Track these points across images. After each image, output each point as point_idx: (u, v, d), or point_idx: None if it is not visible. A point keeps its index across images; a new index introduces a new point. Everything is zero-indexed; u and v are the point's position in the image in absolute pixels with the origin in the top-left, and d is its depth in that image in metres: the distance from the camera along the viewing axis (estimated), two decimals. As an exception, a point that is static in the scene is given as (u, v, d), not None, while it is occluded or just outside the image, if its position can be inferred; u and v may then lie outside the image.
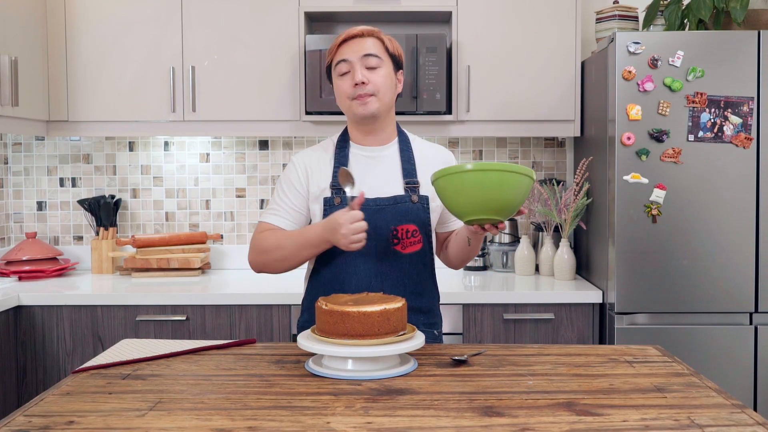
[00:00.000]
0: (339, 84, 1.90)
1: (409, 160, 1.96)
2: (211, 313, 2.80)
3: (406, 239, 1.89)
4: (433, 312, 2.01)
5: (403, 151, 1.97)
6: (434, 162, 1.97)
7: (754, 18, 2.85)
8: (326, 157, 1.95)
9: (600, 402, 1.41)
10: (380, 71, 1.88)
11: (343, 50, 1.89)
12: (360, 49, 1.87)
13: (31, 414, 1.35)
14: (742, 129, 2.70)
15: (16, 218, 3.45)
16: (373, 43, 1.89)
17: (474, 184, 1.63)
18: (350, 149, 1.96)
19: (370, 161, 1.95)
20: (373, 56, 1.87)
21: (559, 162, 3.46)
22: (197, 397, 1.44)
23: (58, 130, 3.12)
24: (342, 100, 1.92)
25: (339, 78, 1.90)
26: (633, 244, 2.73)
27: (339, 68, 1.89)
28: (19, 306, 2.77)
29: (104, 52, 3.07)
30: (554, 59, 3.07)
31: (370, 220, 1.85)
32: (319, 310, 1.61)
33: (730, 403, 1.40)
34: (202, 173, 3.46)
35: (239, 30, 3.07)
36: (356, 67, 1.86)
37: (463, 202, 1.66)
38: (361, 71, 1.86)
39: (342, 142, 1.97)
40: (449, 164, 2.00)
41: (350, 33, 1.90)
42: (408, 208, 1.90)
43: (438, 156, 2.01)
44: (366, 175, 1.92)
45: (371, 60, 1.87)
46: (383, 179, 1.93)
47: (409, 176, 1.94)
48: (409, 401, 1.41)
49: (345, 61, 1.88)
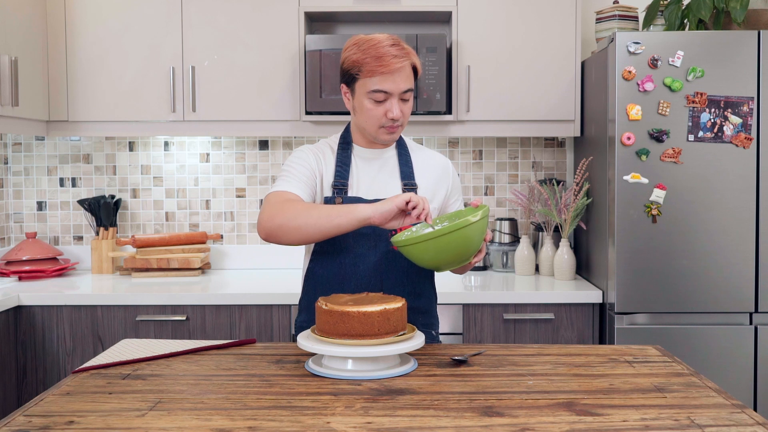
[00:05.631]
0: (370, 108, 1.85)
1: (406, 162, 1.97)
2: (211, 313, 2.80)
3: None
4: (430, 313, 2.01)
5: (401, 154, 1.98)
6: (432, 167, 2.00)
7: (754, 18, 2.85)
8: (329, 157, 1.95)
9: (600, 402, 1.41)
10: (411, 101, 1.88)
11: (383, 80, 1.81)
12: (401, 82, 1.82)
13: (31, 414, 1.35)
14: (742, 129, 2.70)
15: (16, 218, 3.45)
16: (408, 74, 1.84)
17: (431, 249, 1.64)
18: (353, 151, 1.96)
19: (370, 163, 1.95)
20: (410, 90, 1.85)
21: (559, 162, 3.46)
22: (197, 397, 1.44)
23: (58, 130, 3.12)
24: (369, 121, 1.87)
25: (371, 102, 1.84)
26: (633, 244, 2.73)
27: (375, 96, 1.83)
28: (19, 306, 2.77)
29: (104, 52, 3.08)
30: (554, 59, 3.07)
31: None
32: (319, 310, 1.61)
33: (730, 403, 1.40)
34: (202, 173, 3.46)
35: (239, 30, 3.07)
36: (394, 102, 1.83)
37: (431, 263, 1.69)
38: (399, 105, 1.84)
39: (344, 144, 1.96)
40: (447, 172, 2.02)
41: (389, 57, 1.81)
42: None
43: (435, 162, 2.02)
44: (366, 177, 1.93)
45: (407, 94, 1.85)
46: (382, 181, 1.94)
47: (407, 178, 1.95)
48: (409, 401, 1.41)
49: (383, 92, 1.83)
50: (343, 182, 1.91)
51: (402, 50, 1.83)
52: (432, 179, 1.98)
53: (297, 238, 1.73)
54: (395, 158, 1.97)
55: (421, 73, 1.92)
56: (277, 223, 1.73)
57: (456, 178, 2.06)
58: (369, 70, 1.81)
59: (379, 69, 1.80)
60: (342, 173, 1.91)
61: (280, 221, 1.72)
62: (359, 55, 1.83)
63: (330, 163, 1.94)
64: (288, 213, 1.72)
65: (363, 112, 1.87)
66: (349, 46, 1.87)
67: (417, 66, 1.87)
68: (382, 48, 1.81)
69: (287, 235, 1.73)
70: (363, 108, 1.86)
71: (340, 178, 1.91)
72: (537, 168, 3.45)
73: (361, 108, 1.87)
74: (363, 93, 1.84)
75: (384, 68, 1.80)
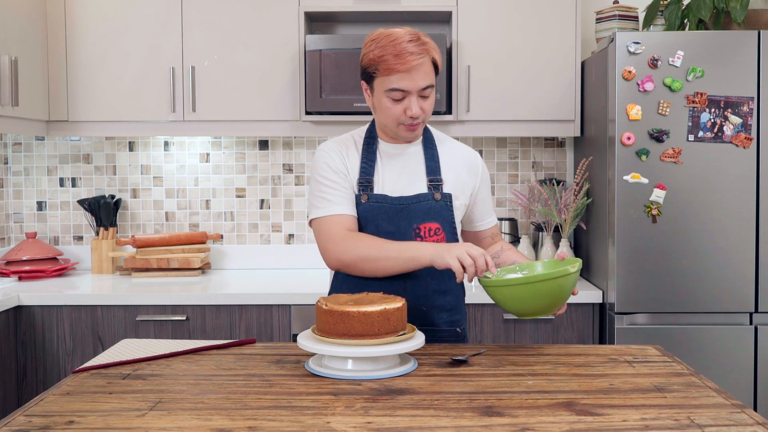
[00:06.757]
0: (389, 106, 1.83)
1: (432, 157, 1.94)
2: (211, 313, 2.80)
3: (429, 238, 1.89)
4: (457, 309, 1.98)
5: (427, 148, 1.95)
6: (459, 162, 1.96)
7: (754, 18, 2.85)
8: (354, 153, 1.93)
9: (600, 402, 1.41)
10: (431, 97, 1.85)
11: (401, 78, 1.79)
12: (419, 79, 1.80)
13: (31, 414, 1.35)
14: (742, 129, 2.70)
15: (16, 218, 3.45)
16: (428, 70, 1.82)
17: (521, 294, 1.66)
18: (378, 146, 1.94)
19: (395, 158, 1.93)
20: (429, 87, 1.82)
21: (559, 162, 3.46)
22: (197, 397, 1.44)
23: (58, 130, 3.12)
24: (388, 119, 1.86)
25: (390, 101, 1.83)
26: (633, 244, 2.73)
27: (393, 94, 1.81)
28: (19, 306, 2.77)
29: (104, 52, 3.08)
30: (554, 59, 3.07)
31: (394, 219, 1.87)
32: (319, 310, 1.61)
33: (730, 403, 1.40)
34: (202, 173, 3.46)
35: (239, 30, 3.07)
36: (413, 99, 1.82)
37: (516, 307, 1.71)
38: (418, 102, 1.82)
39: (369, 139, 1.94)
40: (476, 167, 1.99)
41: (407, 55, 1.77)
42: (431, 206, 1.89)
43: (463, 156, 1.99)
44: (391, 173, 1.91)
45: (426, 90, 1.82)
46: (407, 177, 1.92)
47: (433, 174, 1.92)
48: (409, 401, 1.41)
49: (401, 90, 1.81)
50: (369, 179, 1.90)
51: (421, 46, 1.80)
52: (459, 174, 1.95)
53: (369, 273, 1.85)
54: (421, 153, 1.95)
55: (441, 67, 1.88)
56: (352, 259, 1.83)
57: (485, 174, 2.02)
58: (386, 68, 1.79)
59: (397, 67, 1.78)
60: (367, 170, 1.91)
61: (354, 258, 1.82)
62: (377, 51, 1.80)
63: (355, 159, 1.92)
64: (361, 250, 1.82)
65: (382, 110, 1.86)
66: (368, 41, 1.85)
67: (437, 60, 1.84)
68: (400, 45, 1.78)
69: (360, 271, 1.85)
70: (382, 106, 1.85)
71: (365, 175, 1.90)
72: (537, 168, 3.45)
73: (381, 106, 1.85)
74: (381, 91, 1.83)
75: (401, 66, 1.77)
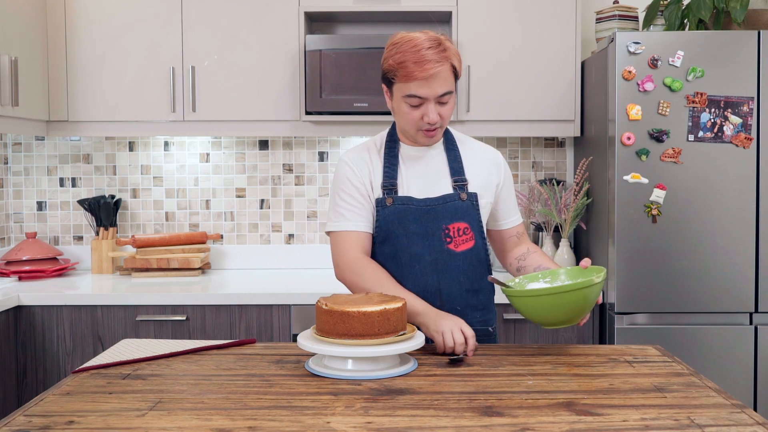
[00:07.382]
0: (407, 112, 1.84)
1: (455, 158, 1.94)
2: (211, 313, 2.80)
3: (458, 237, 1.90)
4: (488, 308, 1.99)
5: (449, 149, 1.96)
6: (482, 160, 1.97)
7: (754, 18, 2.85)
8: (376, 157, 1.94)
9: (600, 402, 1.41)
10: (450, 103, 1.85)
11: (418, 86, 1.79)
12: (437, 86, 1.79)
13: (31, 414, 1.35)
14: (742, 129, 2.70)
15: (16, 218, 3.45)
16: (446, 76, 1.81)
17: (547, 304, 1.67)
18: (400, 149, 1.95)
19: (417, 161, 1.94)
20: (447, 93, 1.82)
21: (559, 162, 3.46)
22: (197, 397, 1.44)
23: (58, 130, 3.12)
24: (407, 124, 1.87)
25: (408, 106, 1.83)
26: (633, 244, 2.73)
27: (410, 101, 1.81)
28: (19, 306, 2.77)
29: (104, 52, 3.08)
30: (554, 59, 3.07)
31: (421, 220, 1.87)
32: (319, 310, 1.61)
33: (730, 403, 1.40)
34: (202, 173, 3.46)
35: (239, 30, 3.07)
36: (430, 106, 1.82)
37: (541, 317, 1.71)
38: (436, 109, 1.82)
39: (391, 143, 1.95)
40: (498, 165, 1.99)
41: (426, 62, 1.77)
42: (457, 207, 1.90)
43: (485, 155, 2.00)
44: (414, 175, 1.92)
45: (445, 97, 1.82)
46: (432, 179, 1.92)
47: (457, 174, 1.93)
48: (409, 401, 1.41)
49: (418, 97, 1.81)
50: (392, 182, 1.90)
51: (441, 53, 1.79)
52: (483, 173, 1.96)
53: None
54: (443, 154, 1.95)
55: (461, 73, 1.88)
56: (353, 281, 1.89)
57: (508, 171, 2.03)
58: (405, 75, 1.79)
59: (415, 74, 1.78)
60: (390, 173, 1.91)
61: (354, 285, 1.89)
62: (398, 57, 1.80)
63: (377, 164, 1.93)
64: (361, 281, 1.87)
65: (401, 115, 1.87)
66: (389, 45, 1.85)
67: (456, 66, 1.84)
68: (420, 52, 1.78)
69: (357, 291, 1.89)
70: (401, 111, 1.86)
71: (389, 179, 1.91)
72: (537, 168, 3.45)
73: (399, 111, 1.87)
74: (400, 96, 1.84)
75: (420, 73, 1.77)
